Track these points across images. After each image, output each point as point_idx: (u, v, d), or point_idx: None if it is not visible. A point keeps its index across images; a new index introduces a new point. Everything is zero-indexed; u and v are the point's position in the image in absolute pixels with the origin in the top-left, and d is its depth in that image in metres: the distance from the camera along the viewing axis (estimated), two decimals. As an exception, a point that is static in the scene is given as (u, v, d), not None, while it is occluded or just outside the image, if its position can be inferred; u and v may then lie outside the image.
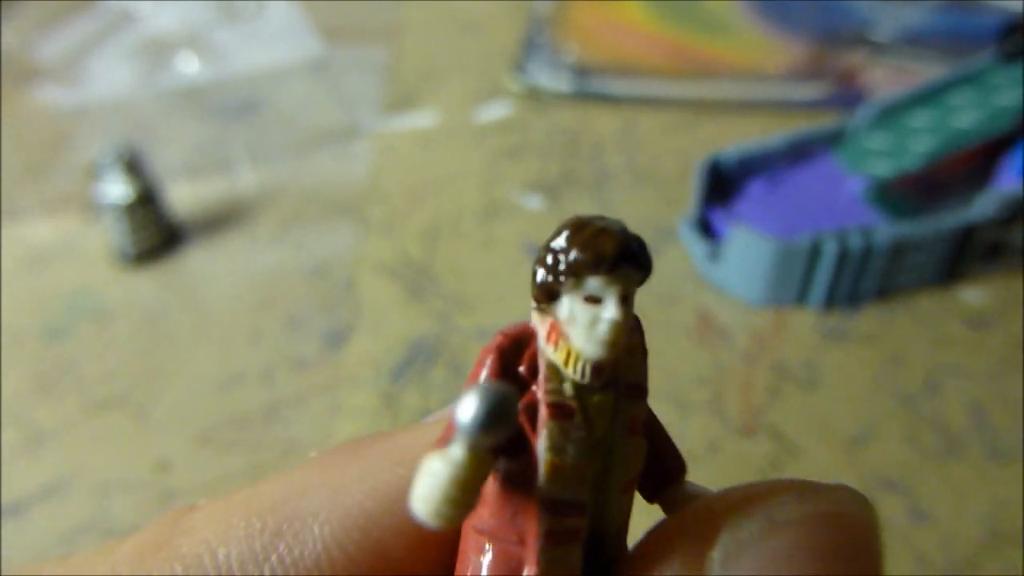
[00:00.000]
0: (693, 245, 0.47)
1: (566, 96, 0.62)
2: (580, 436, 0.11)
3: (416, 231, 0.52)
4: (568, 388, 0.11)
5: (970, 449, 0.38)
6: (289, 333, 0.46)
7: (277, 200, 0.55)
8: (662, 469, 0.12)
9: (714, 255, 0.45)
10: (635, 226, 0.12)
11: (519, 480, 0.11)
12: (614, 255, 0.11)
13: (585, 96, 0.62)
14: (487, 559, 0.11)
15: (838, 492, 0.10)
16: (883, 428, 0.39)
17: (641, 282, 0.11)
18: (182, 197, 0.55)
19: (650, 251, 0.11)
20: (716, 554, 0.10)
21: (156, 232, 0.50)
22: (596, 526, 0.11)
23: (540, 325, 0.11)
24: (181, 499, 0.38)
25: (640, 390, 0.11)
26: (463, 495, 0.10)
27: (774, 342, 0.43)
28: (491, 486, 0.11)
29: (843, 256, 0.43)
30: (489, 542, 0.11)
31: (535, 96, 0.63)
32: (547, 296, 0.11)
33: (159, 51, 0.68)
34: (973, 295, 0.45)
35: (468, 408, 0.10)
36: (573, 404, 0.11)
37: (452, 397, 0.36)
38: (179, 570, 0.12)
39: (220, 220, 0.54)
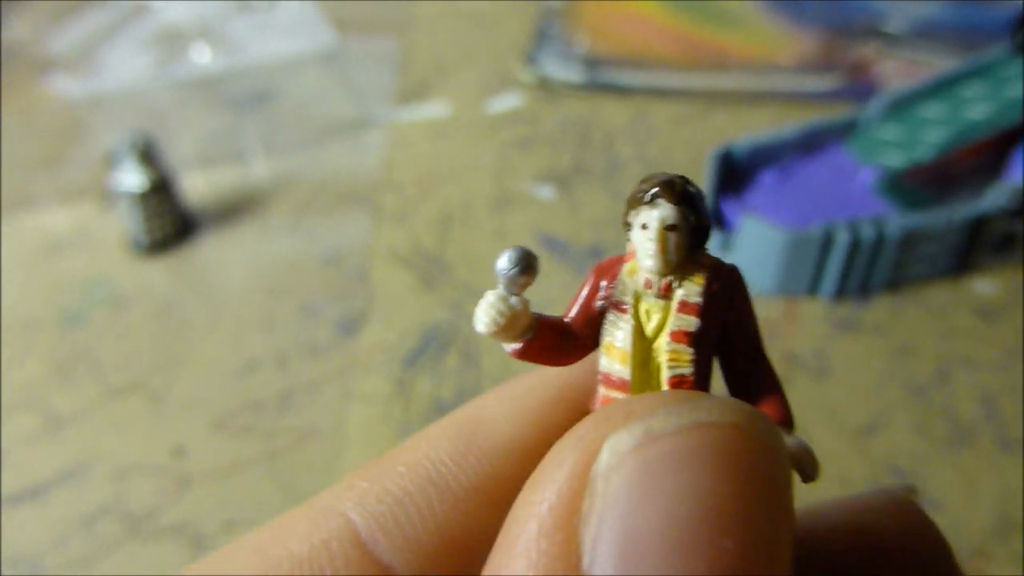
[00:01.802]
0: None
1: (577, 87, 0.63)
2: (628, 327, 0.14)
3: (428, 221, 0.52)
4: (628, 292, 0.14)
5: (980, 438, 0.38)
6: (302, 321, 0.46)
7: (290, 190, 0.56)
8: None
9: (726, 245, 0.45)
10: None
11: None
12: (653, 191, 0.14)
13: (596, 87, 0.62)
14: None
15: (716, 403, 0.11)
16: (894, 417, 0.39)
17: (686, 216, 0.14)
18: (195, 187, 0.55)
19: (700, 197, 0.14)
20: (598, 466, 0.10)
21: (170, 221, 0.50)
22: None
23: (628, 250, 0.15)
24: (197, 484, 0.38)
25: (689, 307, 0.14)
26: (495, 317, 0.14)
27: (785, 332, 0.43)
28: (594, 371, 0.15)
29: (855, 246, 0.43)
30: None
31: (546, 87, 0.63)
32: (626, 227, 0.14)
33: (172, 42, 0.68)
34: (984, 286, 0.45)
35: (501, 259, 0.14)
36: (628, 303, 0.14)
37: (464, 384, 0.36)
38: (402, 470, 0.16)
39: (233, 209, 0.54)
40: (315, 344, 0.45)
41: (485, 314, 0.14)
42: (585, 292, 0.15)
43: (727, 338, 0.15)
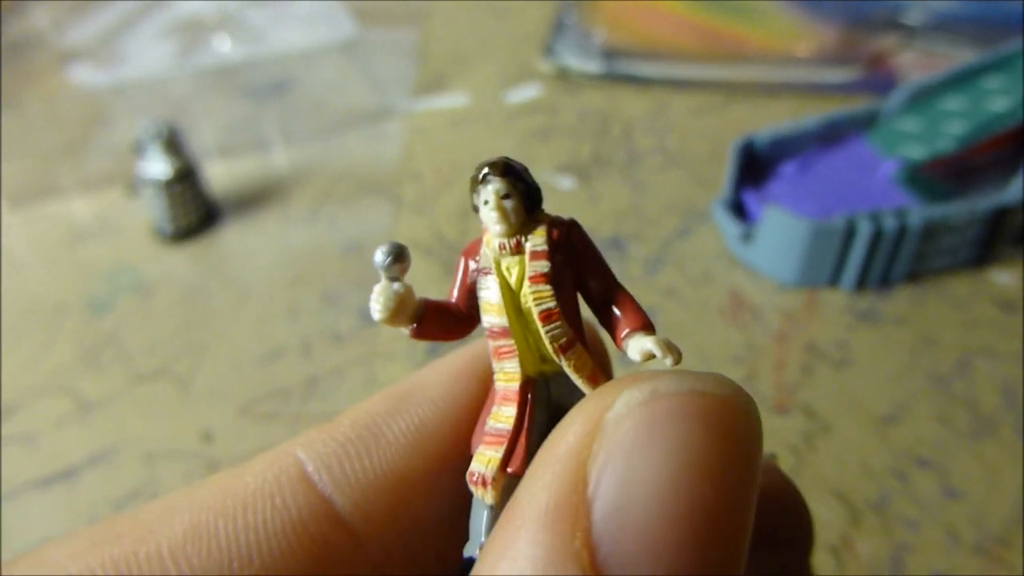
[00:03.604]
0: (726, 226, 0.47)
1: (596, 78, 0.63)
2: (495, 284, 0.17)
3: (448, 210, 0.53)
4: (488, 258, 0.17)
5: (1001, 428, 0.38)
6: (325, 308, 0.47)
7: (310, 179, 0.56)
8: (618, 321, 0.17)
9: (747, 236, 0.46)
10: (668, 207, 0.18)
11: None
12: (483, 173, 0.17)
13: (615, 78, 0.63)
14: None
15: (711, 377, 0.13)
16: (915, 407, 0.39)
17: (514, 185, 0.17)
18: (217, 175, 0.55)
19: (522, 168, 0.17)
20: (610, 414, 0.13)
21: (194, 209, 0.51)
22: (534, 347, 0.17)
23: (483, 229, 0.18)
24: (225, 468, 0.39)
25: (538, 254, 0.17)
26: (386, 304, 0.16)
27: (807, 322, 0.44)
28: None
29: (877, 237, 0.43)
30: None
31: (565, 78, 0.63)
32: (475, 210, 0.17)
33: (193, 31, 0.69)
34: (1004, 277, 0.46)
35: (377, 253, 0.16)
36: (491, 266, 0.17)
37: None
38: (346, 423, 0.19)
39: (255, 198, 0.55)
40: (338, 332, 0.45)
41: (376, 303, 0.16)
42: (459, 273, 0.18)
43: (581, 276, 0.17)
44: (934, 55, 0.62)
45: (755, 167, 0.50)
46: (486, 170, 0.17)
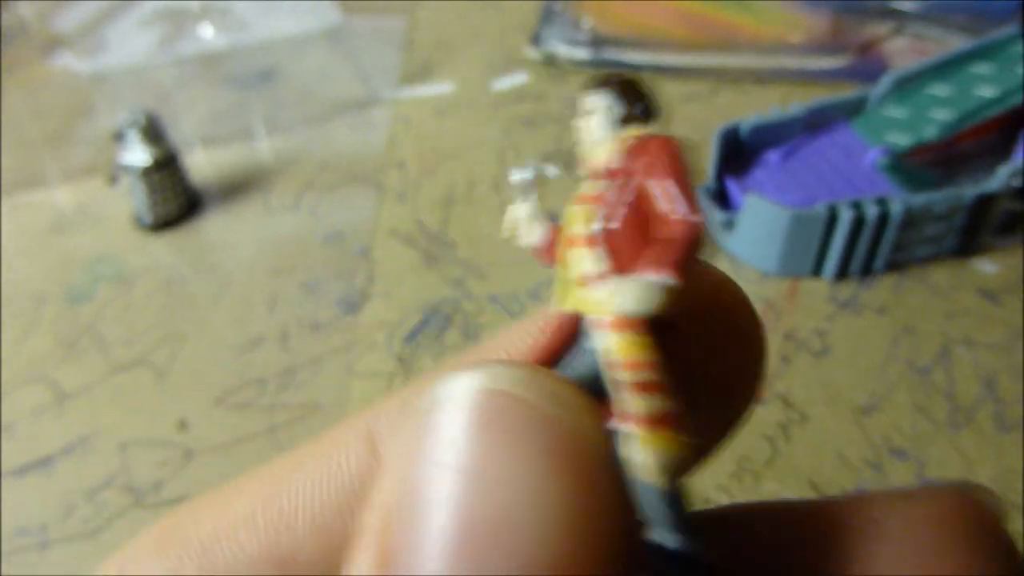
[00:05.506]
0: (708, 214, 0.47)
1: (583, 65, 0.62)
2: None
3: (431, 199, 0.52)
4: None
5: (979, 418, 0.38)
6: (305, 298, 0.46)
7: (293, 168, 0.56)
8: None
9: (728, 224, 0.45)
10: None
11: None
12: (586, 85, 0.14)
13: (602, 65, 0.62)
14: None
15: (498, 366, 0.12)
16: (894, 397, 0.39)
17: (609, 104, 0.14)
18: (200, 164, 0.55)
19: (637, 91, 0.14)
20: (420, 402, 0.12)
21: (174, 197, 0.51)
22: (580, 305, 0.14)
23: None
24: (201, 457, 0.39)
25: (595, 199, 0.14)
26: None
27: (787, 311, 0.43)
28: None
29: (858, 225, 0.43)
30: None
31: (552, 65, 0.63)
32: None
33: (177, 19, 0.68)
34: (987, 266, 0.45)
35: (514, 175, 0.16)
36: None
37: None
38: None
39: (237, 187, 0.54)
40: (317, 321, 0.45)
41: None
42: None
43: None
44: (925, 42, 0.62)
45: (740, 154, 0.49)
46: (587, 82, 0.15)
